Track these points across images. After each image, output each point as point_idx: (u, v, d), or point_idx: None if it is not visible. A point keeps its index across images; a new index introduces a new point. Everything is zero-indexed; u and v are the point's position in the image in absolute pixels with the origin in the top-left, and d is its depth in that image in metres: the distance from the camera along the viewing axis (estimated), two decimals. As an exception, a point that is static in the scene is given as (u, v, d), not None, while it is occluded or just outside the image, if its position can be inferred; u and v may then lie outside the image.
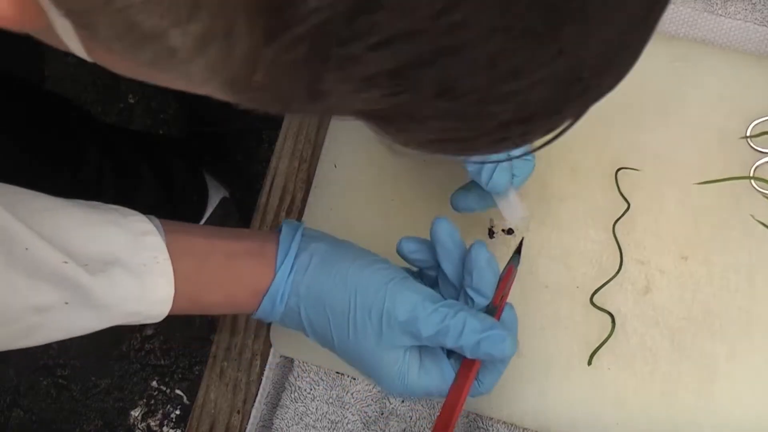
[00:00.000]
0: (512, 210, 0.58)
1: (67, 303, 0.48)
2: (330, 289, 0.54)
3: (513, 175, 0.57)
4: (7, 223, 0.46)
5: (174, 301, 0.52)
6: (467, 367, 0.54)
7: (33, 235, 0.47)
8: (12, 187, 0.51)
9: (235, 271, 0.55)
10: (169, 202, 1.22)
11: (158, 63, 0.26)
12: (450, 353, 0.55)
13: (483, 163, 0.56)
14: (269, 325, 0.68)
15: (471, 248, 0.54)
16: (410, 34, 0.23)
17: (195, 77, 0.27)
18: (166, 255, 0.52)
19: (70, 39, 0.29)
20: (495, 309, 0.55)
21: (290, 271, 0.55)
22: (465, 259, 0.54)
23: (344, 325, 0.54)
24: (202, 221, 1.32)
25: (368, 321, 0.53)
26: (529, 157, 0.58)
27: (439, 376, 0.54)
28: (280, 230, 0.57)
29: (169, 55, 0.25)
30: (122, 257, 0.50)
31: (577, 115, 0.30)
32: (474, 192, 0.60)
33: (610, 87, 0.29)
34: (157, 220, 0.54)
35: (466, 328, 0.52)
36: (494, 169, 0.56)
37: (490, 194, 0.58)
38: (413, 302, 0.53)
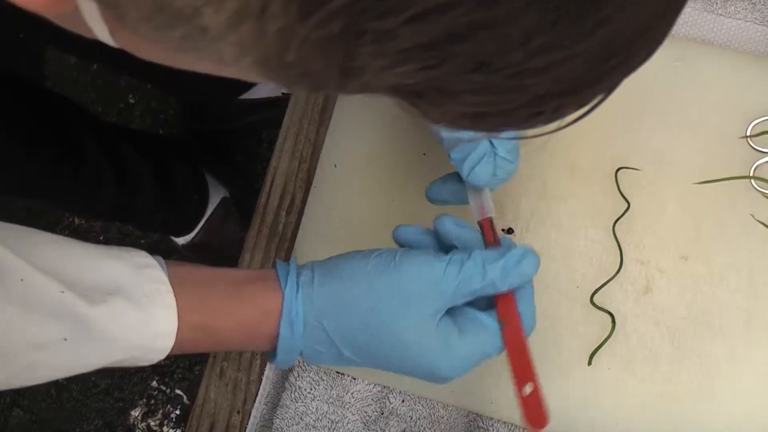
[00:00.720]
0: (482, 208, 0.57)
1: (66, 339, 0.46)
2: (343, 293, 0.52)
3: (494, 174, 0.57)
4: (1, 255, 0.45)
5: (180, 332, 0.50)
6: (505, 306, 0.53)
7: (28, 267, 0.45)
8: (8, 224, 0.49)
9: (242, 295, 0.53)
10: (169, 201, 1.22)
11: (187, 43, 0.26)
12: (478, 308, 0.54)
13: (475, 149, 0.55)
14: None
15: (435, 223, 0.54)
16: (445, 7, 0.23)
17: (225, 56, 0.26)
18: (169, 287, 0.50)
19: (95, 22, 0.29)
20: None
21: (297, 288, 0.53)
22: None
23: (371, 321, 0.52)
24: (202, 221, 1.32)
25: (390, 306, 0.51)
26: (512, 158, 0.57)
27: (481, 329, 0.52)
28: (272, 265, 0.56)
29: (200, 34, 0.25)
30: (123, 288, 0.49)
31: (610, 89, 0.29)
32: (450, 184, 0.59)
33: (644, 60, 0.28)
34: (158, 257, 0.52)
35: (486, 264, 0.51)
36: (477, 162, 0.55)
37: (465, 189, 0.58)
38: (424, 269, 0.51)
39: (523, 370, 0.53)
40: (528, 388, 0.53)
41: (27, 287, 0.45)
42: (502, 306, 0.53)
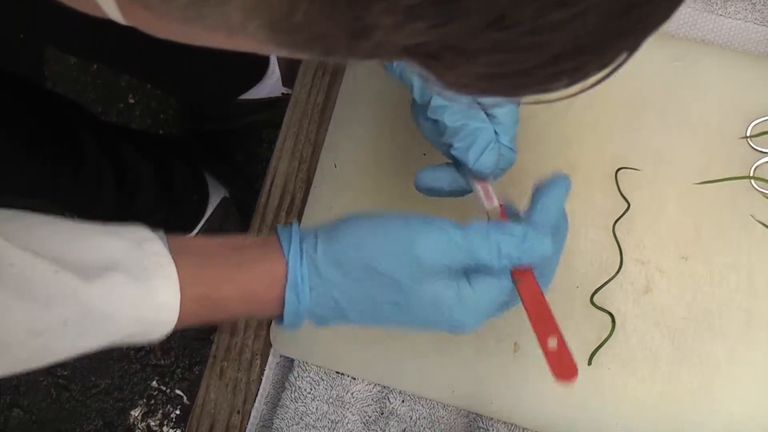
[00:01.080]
0: (488, 198, 0.57)
1: (65, 322, 0.45)
2: (349, 257, 0.51)
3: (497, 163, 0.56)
4: None
5: (183, 304, 0.49)
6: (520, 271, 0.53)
7: (18, 251, 0.43)
8: None
9: (244, 263, 0.51)
10: (169, 202, 1.22)
11: (191, 11, 0.26)
12: None
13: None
14: (269, 325, 0.68)
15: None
16: None
17: (232, 22, 0.26)
18: (169, 258, 0.49)
19: (105, 0, 0.28)
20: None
21: (301, 255, 0.51)
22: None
23: (379, 284, 0.50)
24: (202, 221, 1.32)
25: (400, 272, 0.50)
26: (513, 147, 0.56)
27: (494, 280, 0.51)
28: (275, 231, 0.54)
29: None
30: (121, 263, 0.47)
31: (631, 49, 0.28)
32: (444, 173, 0.58)
33: (666, 14, 0.28)
34: (160, 230, 0.51)
35: (502, 250, 0.50)
36: (484, 149, 0.54)
37: (464, 179, 0.57)
38: (440, 239, 0.51)
39: (544, 323, 0.52)
40: (552, 342, 0.52)
41: (19, 272, 0.43)
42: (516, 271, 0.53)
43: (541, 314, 0.52)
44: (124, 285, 0.47)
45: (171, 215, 1.27)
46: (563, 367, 0.52)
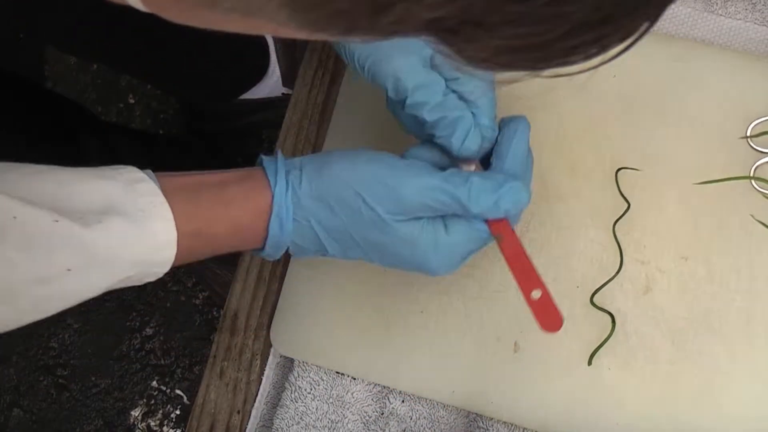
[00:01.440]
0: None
1: (69, 269, 0.46)
2: (334, 192, 0.53)
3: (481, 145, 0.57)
4: None
5: (178, 243, 0.50)
6: (496, 222, 0.55)
7: (18, 203, 0.44)
8: None
9: (233, 197, 0.53)
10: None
11: None
12: None
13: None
14: (269, 325, 0.68)
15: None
16: None
17: (252, 1, 0.26)
18: (162, 198, 0.50)
19: None
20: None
21: (286, 187, 0.53)
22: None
23: (360, 220, 0.53)
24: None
25: (381, 207, 0.52)
26: (494, 126, 0.57)
27: (468, 226, 0.54)
28: (259, 162, 0.56)
29: None
30: (118, 206, 0.48)
31: (653, 17, 0.28)
32: (434, 150, 0.57)
33: None
34: (148, 170, 0.52)
35: (480, 194, 0.52)
36: (466, 135, 0.55)
37: (448, 160, 0.57)
38: (421, 180, 0.52)
39: (526, 276, 0.55)
40: (536, 294, 0.55)
41: (21, 223, 0.44)
42: (493, 222, 0.55)
43: (524, 268, 0.55)
44: (122, 228, 0.47)
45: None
46: (549, 317, 0.55)
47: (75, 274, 0.46)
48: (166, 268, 0.51)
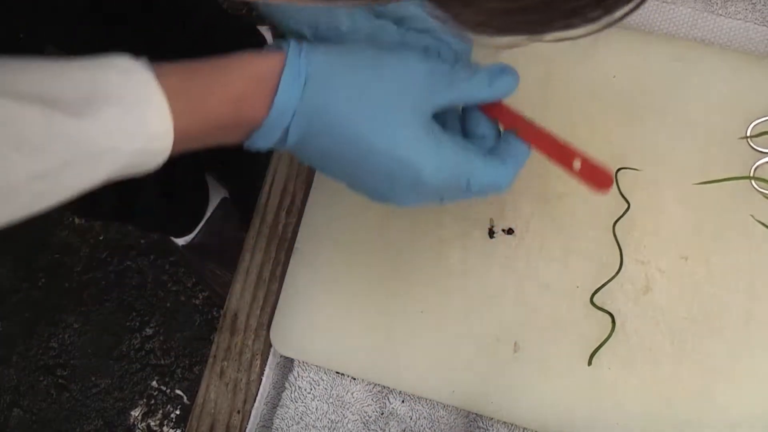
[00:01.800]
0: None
1: (64, 162, 0.44)
2: (347, 73, 0.50)
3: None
4: None
5: (175, 129, 0.48)
6: (503, 113, 0.55)
7: (8, 100, 0.43)
8: None
9: (232, 67, 0.50)
10: (169, 202, 1.22)
11: None
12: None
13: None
14: (269, 325, 0.68)
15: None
16: None
17: None
18: (157, 84, 0.48)
19: None
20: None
21: (299, 53, 0.50)
22: None
23: (367, 111, 0.50)
24: (203, 221, 1.32)
25: (380, 99, 0.50)
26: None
27: (458, 121, 0.54)
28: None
29: None
30: (111, 95, 0.46)
31: None
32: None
33: None
34: (142, 57, 0.49)
35: (474, 78, 0.52)
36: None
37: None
38: (427, 65, 0.51)
39: (561, 151, 0.55)
40: (576, 163, 0.55)
41: (11, 119, 0.43)
42: (501, 115, 0.55)
43: (552, 145, 0.55)
44: (117, 118, 0.46)
45: (172, 216, 1.27)
46: (598, 179, 0.55)
47: (72, 167, 0.45)
48: (164, 157, 0.49)
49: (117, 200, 1.10)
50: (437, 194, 0.53)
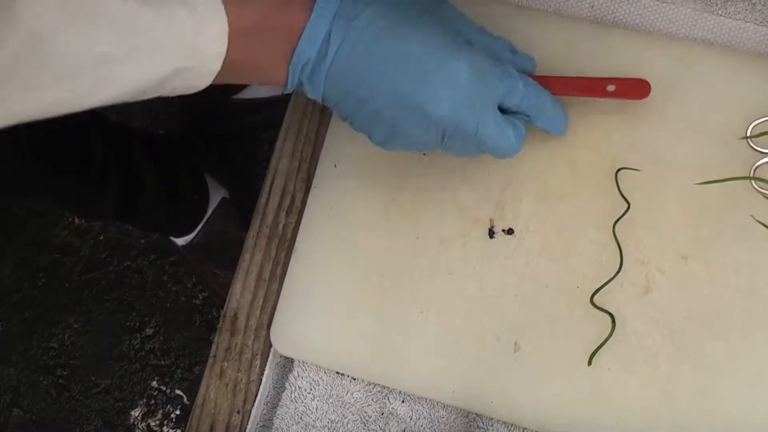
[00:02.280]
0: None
1: (132, 49, 0.46)
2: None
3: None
4: None
5: (229, 39, 0.51)
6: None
7: None
8: None
9: None
10: (170, 202, 1.22)
11: None
12: None
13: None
14: (269, 325, 0.68)
15: None
16: None
17: None
18: None
19: None
20: None
21: None
22: None
23: (406, 20, 0.53)
24: (203, 221, 1.32)
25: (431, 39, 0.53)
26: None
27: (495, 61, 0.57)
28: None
29: None
30: None
31: None
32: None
33: None
34: None
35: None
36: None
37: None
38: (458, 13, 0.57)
39: (591, 87, 0.62)
40: (611, 87, 0.62)
41: (92, 2, 0.45)
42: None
43: (584, 84, 0.62)
44: (181, 14, 0.48)
45: (172, 215, 1.27)
46: (634, 90, 0.62)
47: (136, 55, 0.47)
48: (216, 67, 0.51)
49: (121, 199, 1.10)
50: (453, 120, 0.55)
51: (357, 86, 0.54)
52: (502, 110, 0.58)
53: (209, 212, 1.32)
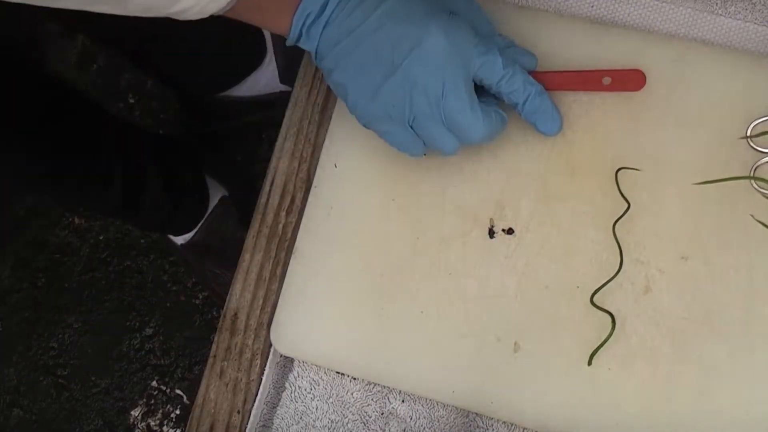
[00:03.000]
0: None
1: None
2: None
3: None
4: None
5: None
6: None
7: None
8: None
9: None
10: (171, 200, 1.22)
11: None
12: None
13: None
14: (269, 325, 0.68)
15: None
16: None
17: None
18: None
19: None
20: None
21: None
22: None
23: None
24: (202, 221, 1.32)
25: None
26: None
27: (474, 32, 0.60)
28: None
29: None
30: None
31: None
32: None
33: None
34: None
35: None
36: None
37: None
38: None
39: (586, 81, 0.64)
40: (607, 80, 0.63)
41: None
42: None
43: (579, 78, 0.64)
44: None
45: (173, 214, 1.27)
46: (630, 81, 0.64)
47: None
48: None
49: (124, 196, 1.10)
50: (423, 86, 0.58)
51: (344, 37, 0.59)
52: (486, 94, 0.62)
53: (209, 211, 1.32)
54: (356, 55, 0.59)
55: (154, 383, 1.42)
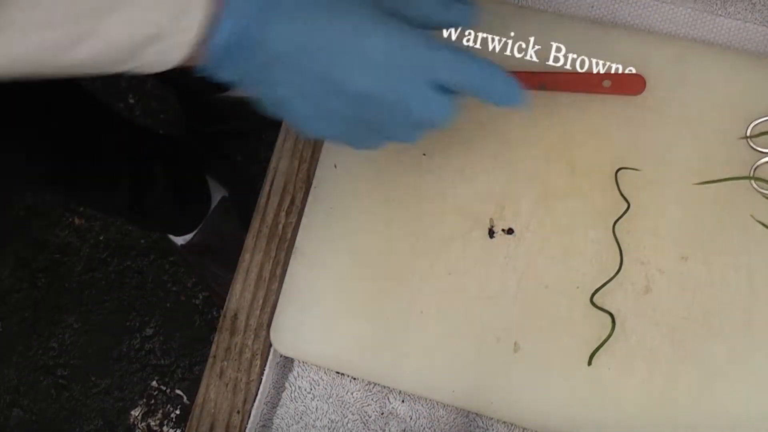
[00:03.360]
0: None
1: (110, 7, 0.45)
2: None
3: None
4: None
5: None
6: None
7: None
8: None
9: None
10: (174, 201, 1.22)
11: None
12: None
13: None
14: (269, 325, 0.68)
15: None
16: None
17: None
18: None
19: None
20: None
21: None
22: None
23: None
24: (203, 221, 1.32)
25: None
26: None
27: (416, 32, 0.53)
28: None
29: None
30: None
31: None
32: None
33: None
34: None
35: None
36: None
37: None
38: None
39: (585, 82, 0.64)
40: (607, 83, 0.63)
41: None
42: (525, 80, 0.59)
43: (575, 81, 0.63)
44: None
45: (175, 215, 1.27)
46: (630, 84, 0.63)
47: (113, 14, 0.46)
48: (189, 37, 0.49)
49: (130, 196, 1.11)
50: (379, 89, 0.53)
51: (283, 67, 0.53)
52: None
53: (210, 212, 1.32)
54: (300, 81, 0.53)
55: (154, 383, 1.42)
